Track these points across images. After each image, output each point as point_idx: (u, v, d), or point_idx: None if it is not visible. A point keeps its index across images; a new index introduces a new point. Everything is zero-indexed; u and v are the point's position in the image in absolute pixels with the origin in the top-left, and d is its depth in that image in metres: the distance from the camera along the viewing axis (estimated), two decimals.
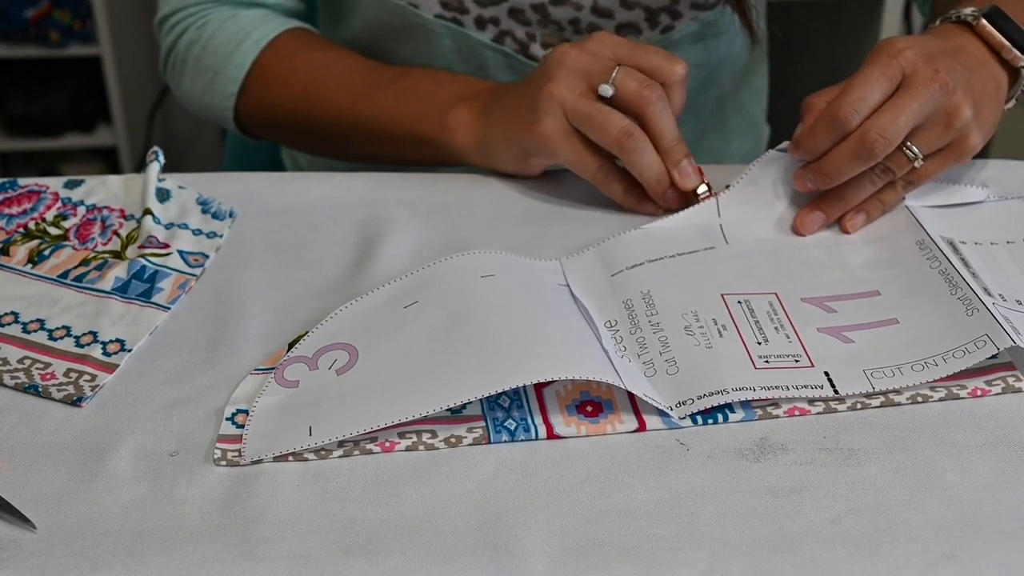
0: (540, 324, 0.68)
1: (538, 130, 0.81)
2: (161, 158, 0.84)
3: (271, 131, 1.00)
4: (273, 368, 0.68)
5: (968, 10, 0.81)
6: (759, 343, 0.69)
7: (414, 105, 0.89)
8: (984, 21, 0.81)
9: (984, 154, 0.83)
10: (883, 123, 0.74)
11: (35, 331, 0.71)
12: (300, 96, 0.94)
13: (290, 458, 0.63)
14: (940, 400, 0.66)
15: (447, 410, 0.65)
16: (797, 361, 0.68)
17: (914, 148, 0.76)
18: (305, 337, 0.70)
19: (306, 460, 0.63)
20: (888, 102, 0.74)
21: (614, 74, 0.79)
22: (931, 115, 0.75)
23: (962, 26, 0.81)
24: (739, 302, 0.72)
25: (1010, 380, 0.67)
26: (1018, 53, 0.80)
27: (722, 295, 0.72)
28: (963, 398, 0.66)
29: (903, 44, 0.76)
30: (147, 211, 0.80)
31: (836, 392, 0.66)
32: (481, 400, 0.66)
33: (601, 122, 0.79)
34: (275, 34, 0.95)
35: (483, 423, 0.65)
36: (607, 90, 0.79)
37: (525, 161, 0.84)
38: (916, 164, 0.76)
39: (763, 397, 0.65)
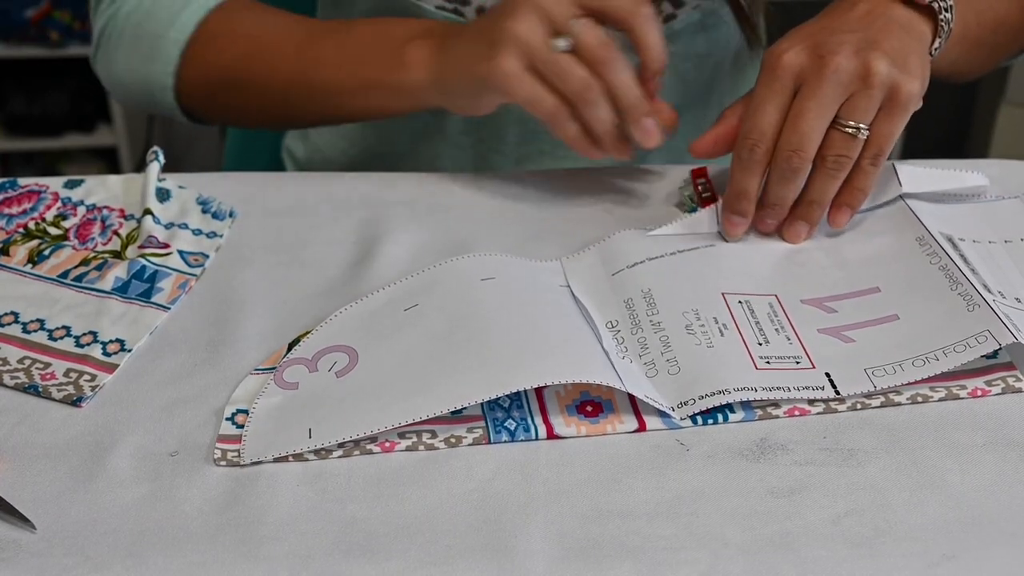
0: (540, 327, 0.68)
1: (496, 66, 0.78)
2: (161, 158, 0.84)
3: (210, 100, 0.94)
4: (273, 368, 0.68)
5: None
6: (760, 343, 0.69)
7: (361, 48, 0.86)
8: None
9: (984, 154, 0.83)
10: (787, 137, 0.74)
11: (35, 331, 0.71)
12: (241, 55, 0.90)
13: (290, 458, 0.63)
14: (940, 400, 0.66)
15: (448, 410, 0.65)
16: (798, 363, 0.68)
17: (851, 122, 0.74)
18: (305, 338, 0.70)
19: (306, 460, 0.63)
20: (789, 113, 0.74)
21: (572, 25, 0.77)
22: (845, 90, 0.73)
23: None
24: (740, 302, 0.72)
25: (1010, 380, 0.67)
26: None
27: (723, 294, 0.72)
28: (963, 398, 0.66)
29: (784, 46, 0.75)
30: (147, 211, 0.79)
31: (838, 393, 0.66)
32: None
33: (563, 71, 0.77)
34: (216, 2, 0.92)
35: (483, 423, 0.65)
36: (561, 45, 0.76)
37: (479, 97, 0.82)
38: (862, 136, 0.74)
39: (764, 398, 0.65)
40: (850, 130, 0.74)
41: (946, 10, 0.78)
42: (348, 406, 0.65)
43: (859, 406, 0.66)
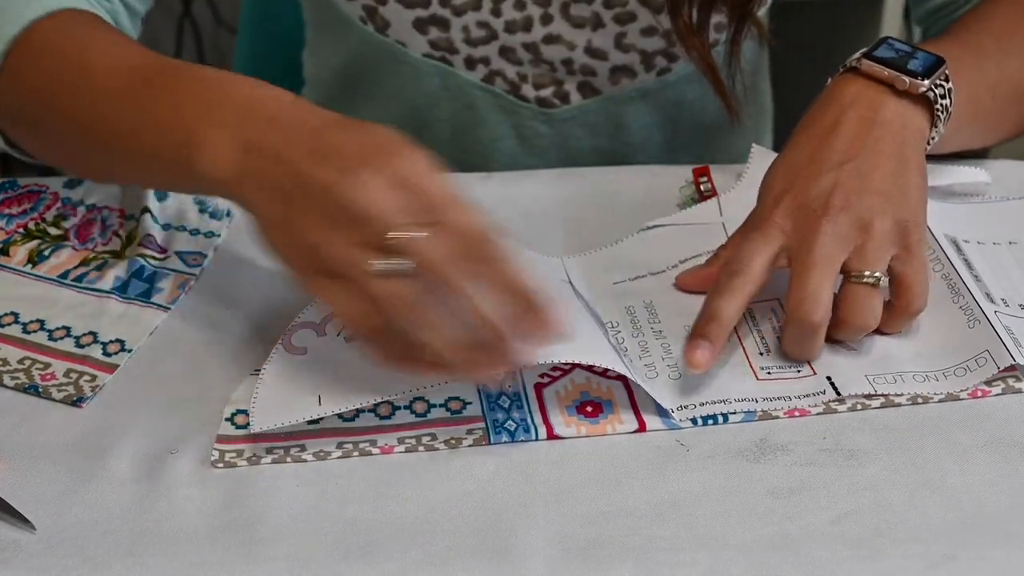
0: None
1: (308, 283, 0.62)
2: None
3: (18, 123, 0.76)
4: None
5: (857, 54, 0.73)
6: (761, 353, 0.69)
7: (163, 111, 0.67)
8: (868, 61, 0.72)
9: (984, 154, 0.83)
10: (796, 295, 0.66)
11: (35, 331, 0.71)
12: (53, 77, 0.72)
13: (288, 459, 0.63)
14: (940, 401, 0.66)
15: (447, 411, 0.65)
16: (799, 372, 0.67)
17: (865, 272, 0.66)
18: (311, 304, 0.69)
19: (305, 461, 0.63)
20: (793, 269, 0.67)
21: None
22: (846, 242, 0.66)
23: (851, 73, 0.72)
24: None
25: (1010, 381, 0.67)
26: (913, 80, 0.70)
27: None
28: (963, 399, 0.66)
29: (769, 200, 0.69)
30: (145, 209, 0.79)
31: (838, 394, 0.66)
32: (481, 400, 0.66)
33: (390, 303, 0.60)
34: (71, 5, 0.75)
35: (483, 424, 0.65)
36: (379, 267, 0.59)
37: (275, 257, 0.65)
38: (882, 283, 0.66)
39: (765, 408, 0.65)
40: (867, 280, 0.66)
41: (943, 96, 0.72)
42: (356, 372, 0.64)
43: (859, 407, 0.66)
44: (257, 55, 1.25)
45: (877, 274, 0.66)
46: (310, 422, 0.64)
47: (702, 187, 0.83)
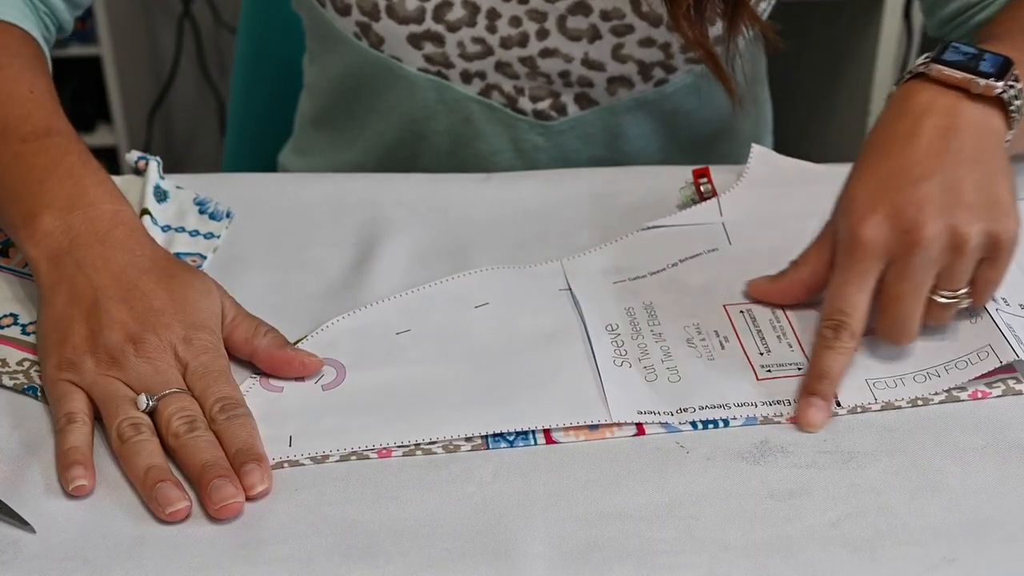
0: (525, 364, 0.68)
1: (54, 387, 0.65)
2: (152, 160, 0.83)
3: None
4: None
5: (920, 60, 0.70)
6: (761, 353, 0.69)
7: (16, 178, 0.73)
8: (938, 66, 0.69)
9: None
10: (888, 325, 0.67)
11: (34, 333, 0.71)
12: None
13: (285, 465, 0.63)
14: (940, 403, 0.66)
15: None
16: (800, 369, 0.67)
17: (947, 292, 0.66)
18: (297, 345, 0.70)
19: (302, 465, 0.63)
20: (883, 297, 0.66)
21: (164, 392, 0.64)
22: (938, 264, 0.66)
23: (920, 80, 0.70)
24: (741, 312, 0.72)
25: (1010, 383, 0.67)
26: (988, 82, 0.68)
27: (724, 306, 0.72)
28: (963, 400, 0.66)
29: (859, 213, 0.66)
30: (145, 211, 0.79)
31: (839, 404, 0.66)
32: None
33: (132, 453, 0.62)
34: (7, 19, 0.83)
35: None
36: (143, 403, 0.63)
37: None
38: (963, 304, 0.67)
39: (766, 414, 0.65)
40: (946, 300, 0.67)
41: (1016, 97, 0.69)
42: (330, 422, 0.65)
43: (859, 409, 0.65)
44: (257, 55, 1.25)
45: (960, 293, 0.66)
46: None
47: (702, 188, 0.83)
